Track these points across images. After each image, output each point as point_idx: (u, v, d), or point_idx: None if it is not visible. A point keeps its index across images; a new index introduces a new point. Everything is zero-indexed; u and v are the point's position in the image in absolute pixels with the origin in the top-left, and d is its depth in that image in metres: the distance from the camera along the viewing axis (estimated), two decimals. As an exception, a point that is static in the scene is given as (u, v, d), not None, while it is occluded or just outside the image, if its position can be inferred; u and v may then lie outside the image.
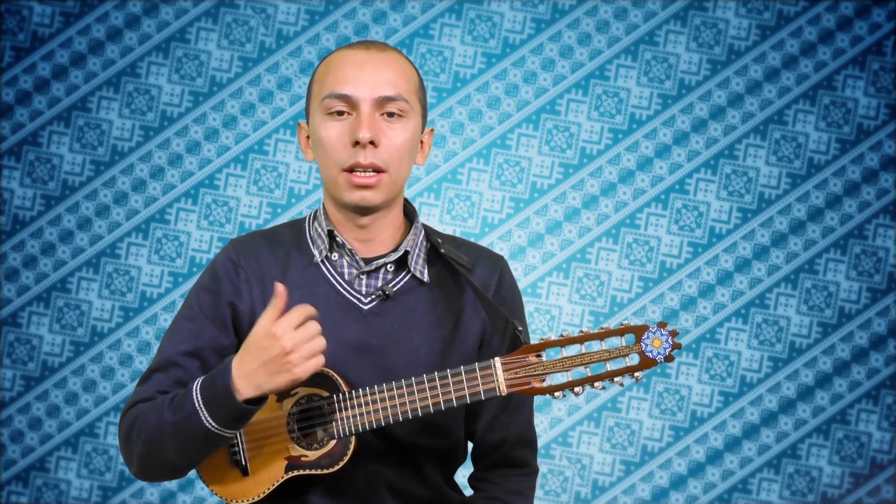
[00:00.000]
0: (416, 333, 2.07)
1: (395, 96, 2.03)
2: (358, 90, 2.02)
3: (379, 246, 2.10)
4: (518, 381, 1.94)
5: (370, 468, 2.06)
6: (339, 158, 2.03)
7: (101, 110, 3.68)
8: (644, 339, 1.92)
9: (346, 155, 2.02)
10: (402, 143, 2.04)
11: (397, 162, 2.04)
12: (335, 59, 2.06)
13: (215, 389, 1.93)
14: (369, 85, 2.02)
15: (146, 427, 1.98)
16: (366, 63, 2.04)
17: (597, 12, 3.67)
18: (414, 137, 2.07)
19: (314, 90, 2.07)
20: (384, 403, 1.97)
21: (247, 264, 2.09)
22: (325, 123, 2.04)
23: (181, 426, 1.95)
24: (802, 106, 3.66)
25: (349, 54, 2.06)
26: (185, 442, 1.96)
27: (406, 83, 2.06)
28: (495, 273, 2.14)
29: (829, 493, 3.63)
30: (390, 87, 2.03)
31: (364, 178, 2.02)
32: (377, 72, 2.03)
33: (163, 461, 2.00)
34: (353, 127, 2.02)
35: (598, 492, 3.65)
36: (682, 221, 3.66)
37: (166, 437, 1.96)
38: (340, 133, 2.03)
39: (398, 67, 2.06)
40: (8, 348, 3.68)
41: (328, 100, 2.03)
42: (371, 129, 2.01)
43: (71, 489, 3.67)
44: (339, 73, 2.04)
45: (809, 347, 3.65)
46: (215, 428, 1.93)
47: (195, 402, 1.94)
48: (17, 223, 3.68)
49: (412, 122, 2.06)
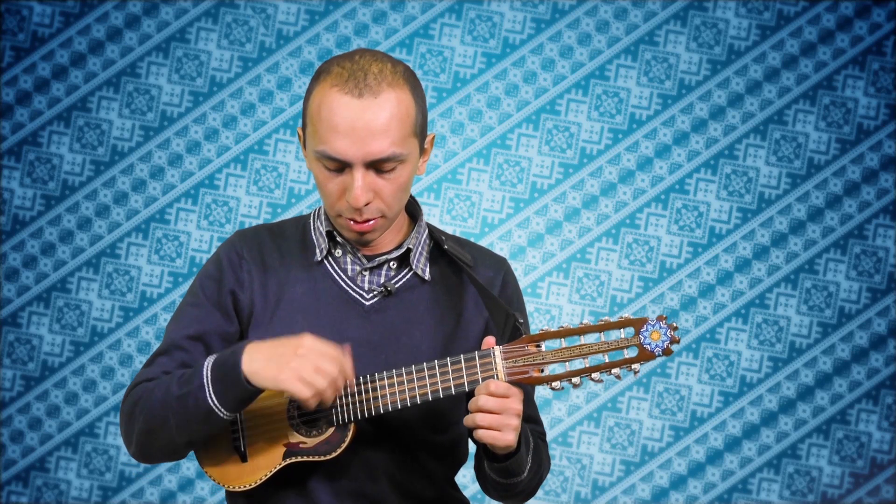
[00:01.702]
0: (418, 330, 2.07)
1: (388, 157, 1.96)
2: (350, 154, 1.95)
3: (382, 243, 2.10)
4: (517, 369, 1.95)
5: (370, 457, 2.06)
6: (336, 207, 2.01)
7: (101, 110, 3.68)
8: (643, 332, 1.92)
9: (343, 206, 2.00)
10: (399, 187, 2.01)
11: (395, 204, 2.02)
12: (326, 105, 1.97)
13: (225, 367, 1.94)
14: (361, 147, 1.95)
15: (151, 402, 1.99)
16: (357, 119, 1.95)
17: (597, 12, 3.67)
18: (411, 172, 2.03)
19: (308, 126, 2.02)
20: (384, 391, 1.98)
21: (250, 256, 2.10)
22: (320, 170, 2.00)
23: (186, 400, 1.95)
24: (802, 106, 3.66)
25: (342, 103, 1.96)
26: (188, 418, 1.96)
27: (401, 129, 1.98)
28: (500, 273, 2.14)
29: (829, 493, 3.63)
30: (382, 148, 1.96)
31: (360, 227, 2.02)
32: (368, 129, 1.95)
33: (163, 438, 2.00)
34: (347, 185, 1.98)
35: (598, 492, 3.65)
36: (682, 221, 3.66)
37: (170, 411, 1.97)
38: (335, 184, 1.99)
39: (393, 115, 1.97)
40: (8, 348, 3.68)
41: (321, 157, 1.98)
42: (365, 194, 1.97)
43: (71, 489, 3.67)
44: (331, 129, 1.96)
45: (809, 347, 3.65)
46: (217, 406, 1.93)
47: (204, 376, 1.95)
48: (17, 223, 3.68)
49: (409, 163, 2.01)
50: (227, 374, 1.94)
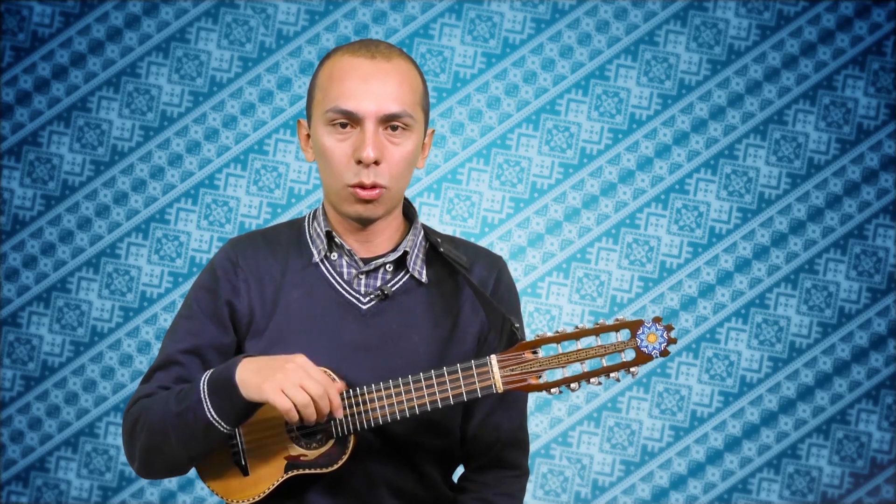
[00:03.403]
0: (415, 333, 2.07)
1: (400, 113, 2.00)
2: (362, 106, 1.99)
3: (378, 246, 2.10)
4: (514, 378, 1.94)
5: (369, 467, 2.06)
6: (343, 174, 2.01)
7: (101, 110, 3.68)
8: (639, 335, 1.92)
9: (350, 172, 2.01)
10: (405, 157, 2.03)
11: (399, 177, 2.03)
12: (339, 67, 2.02)
13: (220, 381, 1.95)
14: (374, 101, 1.99)
15: (150, 420, 2.00)
16: (370, 76, 2.00)
17: (597, 12, 3.67)
18: (416, 149, 2.05)
19: (316, 96, 2.05)
20: (381, 402, 1.97)
21: (245, 264, 2.10)
22: (328, 136, 2.02)
23: (185, 416, 1.96)
24: (802, 106, 3.66)
25: (354, 63, 2.01)
26: (187, 433, 1.97)
27: (412, 94, 2.02)
28: (493, 272, 2.14)
29: (829, 493, 3.63)
30: (395, 103, 2.00)
31: (366, 193, 2.02)
32: (382, 85, 1.99)
33: (165, 455, 2.01)
34: (356, 143, 2.00)
35: (598, 492, 3.65)
36: (682, 221, 3.66)
37: (170, 427, 1.98)
38: (344, 148, 2.01)
39: (404, 79, 2.02)
40: (8, 348, 3.68)
41: (331, 113, 2.00)
42: (375, 149, 1.99)
43: (71, 489, 3.67)
44: (343, 85, 2.00)
45: (809, 347, 3.65)
46: (215, 419, 1.94)
47: (201, 391, 1.96)
48: (17, 223, 3.68)
49: (415, 134, 2.04)
50: (222, 387, 1.94)
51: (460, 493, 2.15)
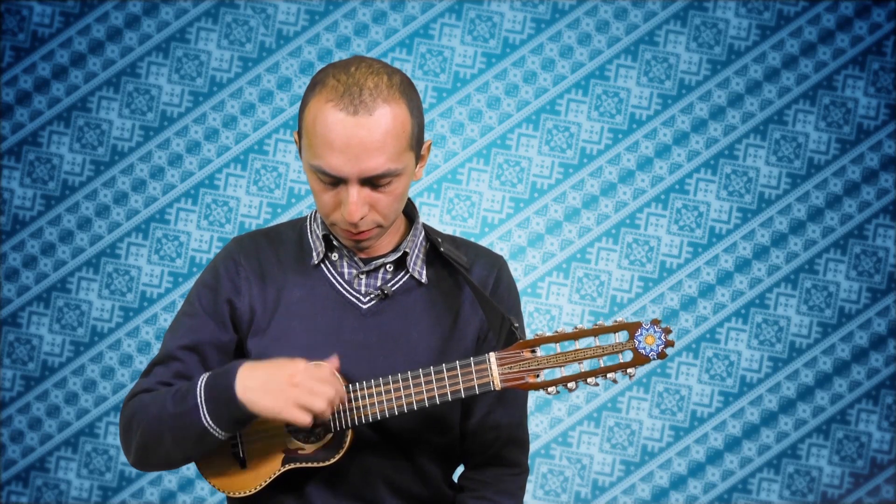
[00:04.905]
0: (415, 332, 2.08)
1: (384, 173, 1.95)
2: (345, 170, 1.94)
3: (378, 246, 2.10)
4: (512, 375, 1.95)
5: (367, 462, 2.07)
6: (331, 217, 2.00)
7: (101, 110, 3.69)
8: (637, 336, 1.93)
9: (338, 217, 1.99)
10: (396, 198, 2.00)
11: (392, 213, 2.02)
12: (321, 120, 1.94)
13: (218, 387, 1.95)
14: (356, 165, 1.93)
15: (147, 418, 2.01)
16: (351, 138, 1.92)
17: (597, 12, 3.67)
18: (407, 182, 2.02)
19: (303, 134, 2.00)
20: (380, 398, 1.98)
21: (247, 263, 2.11)
22: (316, 181, 1.99)
23: (181, 419, 1.97)
24: (802, 106, 3.66)
25: (337, 119, 1.93)
26: (183, 436, 1.98)
27: (396, 145, 1.96)
28: (493, 272, 2.14)
29: (829, 493, 3.63)
30: (378, 165, 1.94)
31: (358, 235, 2.01)
32: (364, 150, 1.93)
33: (160, 453, 2.02)
34: (343, 198, 1.97)
35: (598, 492, 3.65)
36: (682, 221, 3.66)
37: (165, 428, 1.99)
38: (332, 195, 1.98)
39: (388, 131, 1.94)
40: (8, 348, 3.68)
41: (316, 170, 1.96)
42: (360, 209, 1.96)
43: (71, 489, 3.67)
44: (325, 145, 1.94)
45: (809, 347, 3.65)
46: (212, 426, 1.94)
47: (198, 396, 1.96)
48: (17, 223, 3.69)
49: (405, 175, 2.00)
50: (220, 394, 1.95)
51: (460, 491, 2.16)
